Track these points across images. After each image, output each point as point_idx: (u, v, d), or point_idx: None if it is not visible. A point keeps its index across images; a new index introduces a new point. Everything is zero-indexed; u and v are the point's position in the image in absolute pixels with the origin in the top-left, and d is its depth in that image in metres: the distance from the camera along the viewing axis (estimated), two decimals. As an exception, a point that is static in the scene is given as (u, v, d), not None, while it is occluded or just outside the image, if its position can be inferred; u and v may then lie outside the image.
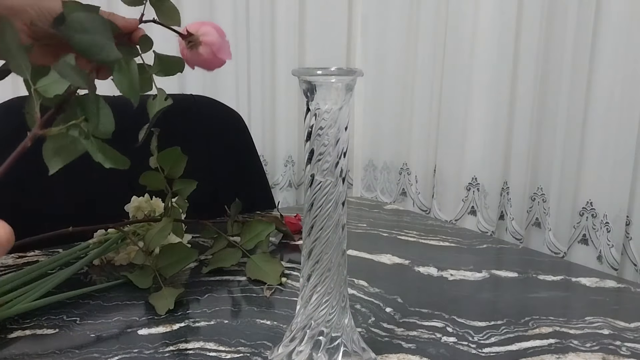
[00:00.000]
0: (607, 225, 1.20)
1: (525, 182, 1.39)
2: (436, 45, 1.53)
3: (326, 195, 0.42)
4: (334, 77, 0.41)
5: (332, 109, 0.41)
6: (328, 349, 0.44)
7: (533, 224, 1.41)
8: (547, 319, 0.57)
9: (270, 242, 0.80)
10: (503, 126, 1.40)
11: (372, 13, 1.70)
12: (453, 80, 1.49)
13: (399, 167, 1.70)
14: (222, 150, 1.10)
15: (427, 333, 0.54)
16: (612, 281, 0.68)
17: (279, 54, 1.64)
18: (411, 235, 0.85)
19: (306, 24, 1.68)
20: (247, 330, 0.54)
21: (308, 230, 0.44)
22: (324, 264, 0.43)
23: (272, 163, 1.69)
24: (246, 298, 0.62)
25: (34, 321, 0.55)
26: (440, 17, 1.50)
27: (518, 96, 1.38)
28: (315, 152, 0.42)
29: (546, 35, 1.29)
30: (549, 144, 1.31)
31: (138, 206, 0.74)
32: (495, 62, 1.40)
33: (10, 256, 0.72)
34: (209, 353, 0.50)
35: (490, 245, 0.82)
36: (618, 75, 1.17)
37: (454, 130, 1.50)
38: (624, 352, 0.51)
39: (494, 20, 1.39)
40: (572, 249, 1.29)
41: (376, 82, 1.71)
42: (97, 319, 0.56)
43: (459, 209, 1.52)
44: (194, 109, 1.09)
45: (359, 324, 0.55)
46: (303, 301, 0.45)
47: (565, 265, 0.85)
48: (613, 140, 1.18)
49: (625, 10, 1.14)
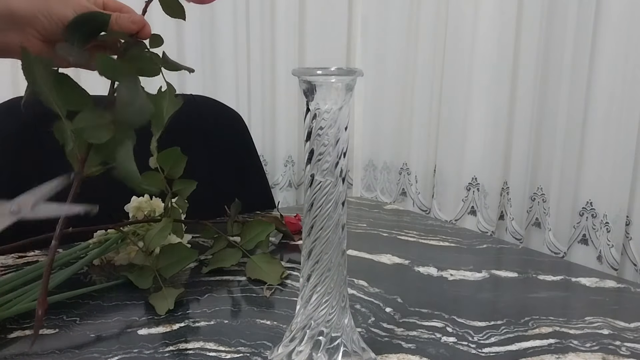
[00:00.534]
0: (607, 225, 1.20)
1: (525, 182, 1.39)
2: (436, 45, 1.53)
3: (326, 195, 0.42)
4: (334, 77, 0.41)
5: (332, 109, 0.41)
6: (328, 349, 0.44)
7: (533, 224, 1.41)
8: (547, 319, 0.57)
9: (270, 242, 0.80)
10: (503, 126, 1.40)
11: (372, 13, 1.70)
12: (453, 80, 1.49)
13: (399, 167, 1.70)
14: (222, 150, 1.10)
15: (427, 333, 0.54)
16: (612, 281, 0.68)
17: (279, 54, 1.64)
18: (411, 235, 0.85)
19: (306, 24, 1.68)
20: (247, 330, 0.54)
21: (308, 230, 0.44)
22: (324, 264, 0.43)
23: (272, 163, 1.69)
24: (246, 298, 0.62)
25: (34, 321, 0.55)
26: (440, 17, 1.50)
27: (518, 96, 1.38)
28: (315, 152, 0.42)
29: (546, 35, 1.29)
30: (549, 144, 1.31)
31: (138, 206, 0.74)
32: (495, 62, 1.40)
33: (10, 256, 0.72)
34: (209, 353, 0.50)
35: (490, 245, 0.82)
36: (618, 75, 1.17)
37: (454, 130, 1.50)
38: (623, 352, 0.51)
39: (494, 20, 1.39)
40: (572, 249, 1.29)
41: (376, 82, 1.71)
42: (97, 319, 0.56)
43: (459, 209, 1.52)
44: (194, 109, 1.09)
45: (359, 324, 0.55)
46: (303, 301, 0.45)
47: (565, 265, 0.85)
48: (613, 140, 1.18)
49: (625, 10, 1.14)
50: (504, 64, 1.38)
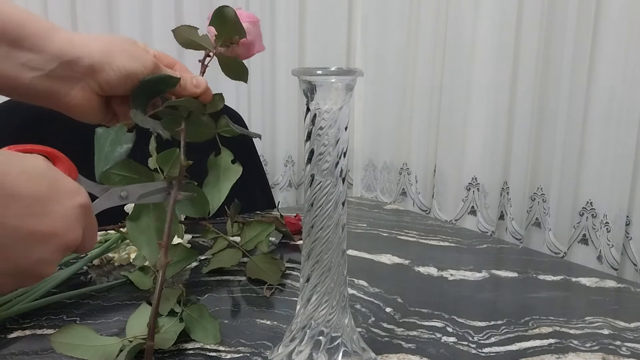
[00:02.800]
0: (607, 225, 1.20)
1: (525, 182, 1.39)
2: (436, 45, 1.52)
3: (326, 195, 0.42)
4: (334, 77, 0.41)
5: (332, 109, 0.41)
6: (328, 349, 0.44)
7: (533, 224, 1.41)
8: (547, 319, 0.57)
9: (270, 242, 0.80)
10: (503, 126, 1.40)
11: (372, 13, 1.70)
12: (453, 80, 1.49)
13: (399, 167, 1.70)
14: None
15: (427, 333, 0.54)
16: (612, 281, 0.68)
17: (279, 54, 1.64)
18: (411, 235, 0.85)
19: (306, 24, 1.68)
20: (247, 330, 0.54)
21: (308, 230, 0.44)
22: (324, 264, 0.43)
23: (272, 163, 1.69)
24: (246, 298, 0.62)
25: (34, 321, 0.55)
26: (440, 17, 1.50)
27: (518, 96, 1.38)
28: (315, 152, 0.42)
29: (546, 35, 1.29)
30: (549, 144, 1.31)
31: (138, 206, 0.74)
32: (495, 62, 1.40)
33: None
34: (209, 353, 0.50)
35: (490, 245, 0.82)
36: (618, 75, 1.17)
37: (454, 131, 1.50)
38: (623, 352, 0.51)
39: (494, 20, 1.39)
40: (572, 249, 1.29)
41: (376, 82, 1.71)
42: (97, 319, 0.56)
43: (459, 209, 1.52)
44: (194, 109, 1.09)
45: (359, 324, 0.55)
46: (303, 301, 0.45)
47: (565, 265, 0.85)
48: (613, 140, 1.18)
49: (625, 10, 1.14)
50: (504, 64, 1.38)
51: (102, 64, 0.45)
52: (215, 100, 0.52)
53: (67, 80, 0.45)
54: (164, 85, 0.48)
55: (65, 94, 0.45)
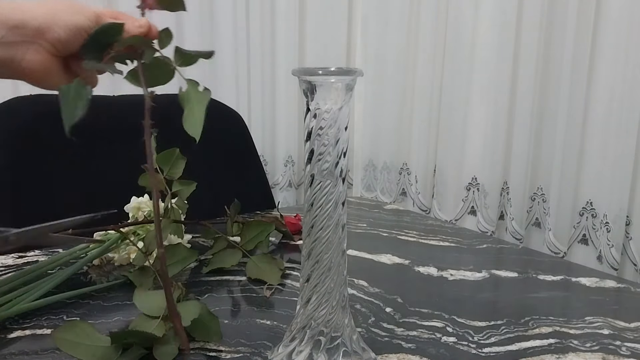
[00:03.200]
0: (607, 225, 1.20)
1: (525, 182, 1.39)
2: (436, 45, 1.53)
3: (326, 195, 0.42)
4: (334, 77, 0.41)
5: (332, 109, 0.41)
6: (328, 349, 0.44)
7: (533, 224, 1.41)
8: (547, 319, 0.57)
9: (270, 242, 0.80)
10: (503, 126, 1.40)
11: (372, 13, 1.70)
12: (453, 80, 1.49)
13: (399, 167, 1.70)
14: (222, 150, 1.10)
15: (427, 333, 0.54)
16: (612, 281, 0.68)
17: (279, 54, 1.64)
18: (411, 235, 0.85)
19: (306, 24, 1.68)
20: (247, 330, 0.54)
21: (308, 230, 0.44)
22: (324, 264, 0.43)
23: (272, 163, 1.70)
24: (246, 298, 0.62)
25: (34, 321, 0.55)
26: (440, 17, 1.50)
27: (518, 96, 1.38)
28: (315, 152, 0.42)
29: (546, 35, 1.29)
30: (549, 144, 1.31)
31: (138, 207, 0.74)
32: (495, 62, 1.40)
33: (10, 256, 0.72)
34: (209, 353, 0.50)
35: (490, 245, 0.82)
36: (618, 75, 1.17)
37: (454, 130, 1.50)
38: (623, 352, 0.51)
39: (494, 20, 1.39)
40: (572, 249, 1.29)
41: (376, 82, 1.71)
42: (97, 319, 0.56)
43: (459, 209, 1.52)
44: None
45: (359, 324, 0.55)
46: (303, 301, 0.45)
47: (565, 265, 0.85)
48: (613, 140, 1.18)
49: (625, 10, 1.14)
50: (504, 64, 1.38)
51: (48, 24, 0.46)
52: (163, 37, 0.51)
53: (19, 45, 0.45)
54: (111, 33, 0.48)
55: (20, 59, 0.46)
